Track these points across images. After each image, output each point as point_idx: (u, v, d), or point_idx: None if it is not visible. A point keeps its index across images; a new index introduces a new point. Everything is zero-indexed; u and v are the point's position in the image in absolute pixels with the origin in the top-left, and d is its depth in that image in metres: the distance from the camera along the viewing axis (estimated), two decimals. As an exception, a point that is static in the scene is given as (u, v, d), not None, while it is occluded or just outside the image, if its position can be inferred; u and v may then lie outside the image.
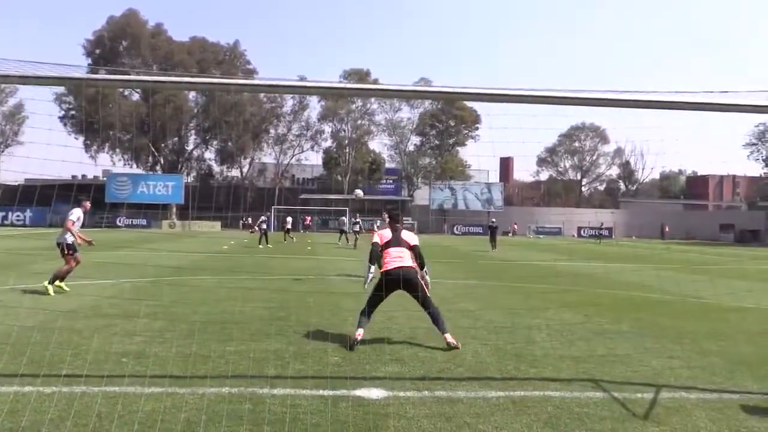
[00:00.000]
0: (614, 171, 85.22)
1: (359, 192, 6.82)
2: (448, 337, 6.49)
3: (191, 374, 5.22)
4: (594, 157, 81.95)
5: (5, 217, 51.23)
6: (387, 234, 7.01)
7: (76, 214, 10.10)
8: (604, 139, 79.62)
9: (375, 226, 28.16)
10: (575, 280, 14.81)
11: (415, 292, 6.60)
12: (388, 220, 7.53)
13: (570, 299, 10.97)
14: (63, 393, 4.58)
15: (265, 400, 4.56)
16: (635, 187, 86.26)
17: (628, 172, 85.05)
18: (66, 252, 9.95)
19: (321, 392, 4.80)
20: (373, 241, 7.06)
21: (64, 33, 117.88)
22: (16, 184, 61.40)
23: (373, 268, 6.85)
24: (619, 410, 4.57)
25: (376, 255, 6.86)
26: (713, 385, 5.35)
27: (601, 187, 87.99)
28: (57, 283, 9.87)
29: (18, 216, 51.48)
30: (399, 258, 6.72)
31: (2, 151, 63.38)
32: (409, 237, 7.09)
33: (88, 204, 10.37)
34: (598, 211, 64.33)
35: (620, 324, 8.37)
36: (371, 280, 6.83)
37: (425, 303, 6.64)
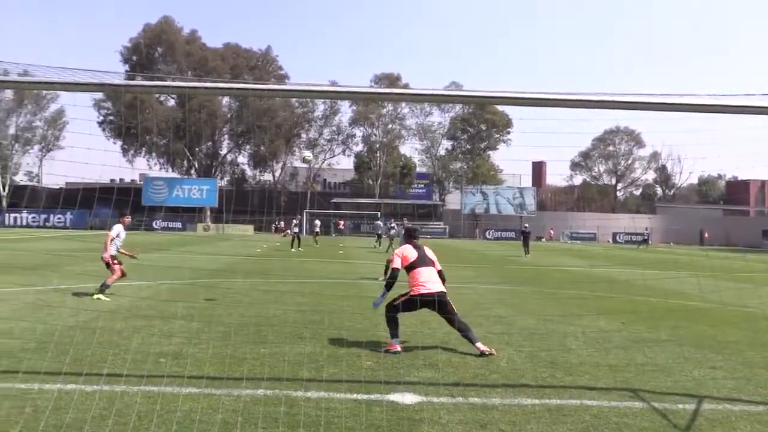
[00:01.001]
0: (650, 175, 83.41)
1: (308, 154, 6.20)
2: (480, 345, 6.44)
3: (227, 376, 5.28)
4: (629, 162, 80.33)
5: (47, 220, 52.82)
6: (411, 253, 6.78)
7: (116, 230, 10.27)
8: (640, 143, 77.95)
9: (391, 232, 28.08)
10: (611, 287, 14.52)
11: (446, 314, 6.54)
12: (404, 232, 7.36)
13: (606, 306, 10.76)
14: (104, 391, 4.69)
15: (300, 403, 4.59)
16: (672, 192, 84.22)
17: (664, 177, 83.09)
18: (111, 263, 10.11)
19: (355, 396, 4.80)
20: (394, 265, 6.72)
21: (102, 41, 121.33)
22: (58, 187, 63.39)
23: (387, 294, 6.62)
24: (660, 421, 4.46)
25: (395, 280, 6.59)
26: (759, 397, 5.18)
27: (637, 192, 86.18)
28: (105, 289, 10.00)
29: (59, 218, 53.05)
30: (433, 281, 6.61)
31: (44, 156, 65.43)
32: (433, 255, 6.97)
33: (127, 219, 10.58)
34: (635, 216, 63.04)
35: (659, 332, 8.18)
36: (382, 304, 6.65)
37: (453, 321, 6.57)
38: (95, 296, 9.62)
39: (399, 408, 4.56)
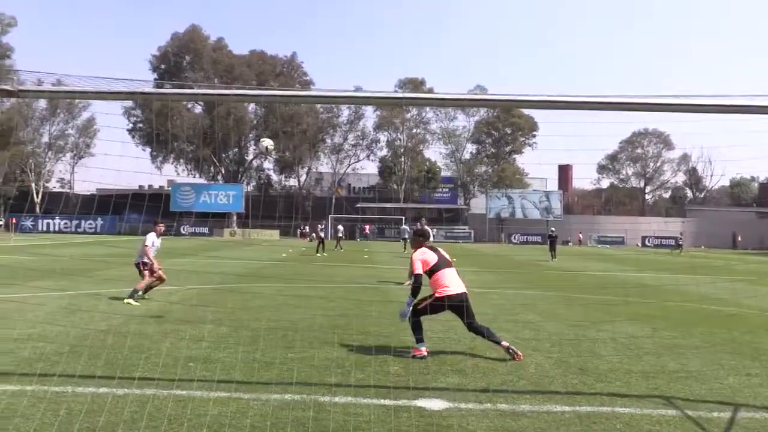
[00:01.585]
0: (680, 178, 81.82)
1: (269, 142, 5.84)
2: (505, 343, 6.44)
3: (256, 380, 5.32)
4: (658, 164, 78.92)
5: (78, 225, 54.04)
6: (431, 257, 6.67)
7: (150, 238, 10.45)
8: (669, 145, 76.60)
9: (407, 234, 27.98)
10: (641, 292, 14.27)
11: (468, 317, 6.48)
12: (412, 235, 7.25)
13: (636, 311, 10.57)
14: (135, 395, 4.76)
15: (328, 408, 4.59)
16: (703, 194, 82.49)
17: (695, 179, 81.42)
18: (142, 269, 10.31)
19: (383, 401, 4.79)
20: (417, 271, 6.53)
21: (132, 50, 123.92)
22: (89, 194, 64.80)
23: (414, 302, 6.47)
24: (694, 429, 4.36)
25: (420, 285, 6.45)
26: (798, 406, 5.02)
27: (666, 195, 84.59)
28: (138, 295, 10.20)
29: (90, 224, 54.25)
30: (456, 282, 6.57)
31: (76, 163, 66.98)
32: (447, 255, 6.92)
33: (160, 227, 10.79)
34: (667, 220, 61.90)
35: (692, 338, 8.00)
36: (410, 313, 6.47)
37: (473, 325, 6.51)
38: (126, 301, 9.80)
39: (427, 414, 4.54)
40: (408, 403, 4.77)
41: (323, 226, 32.55)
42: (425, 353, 6.34)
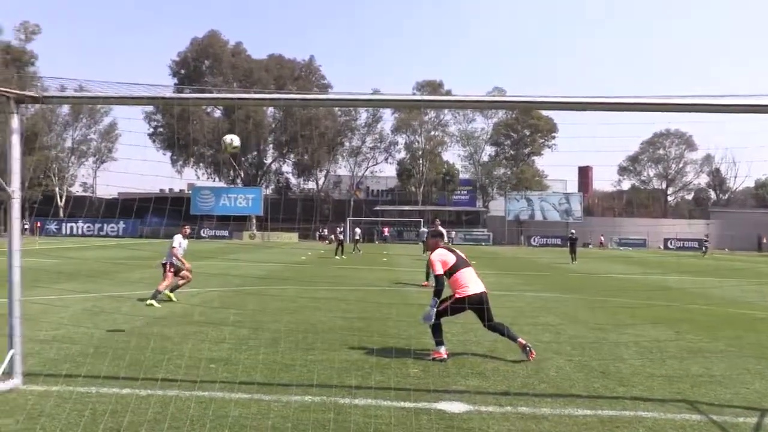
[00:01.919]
0: (703, 179, 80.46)
1: (229, 139, 5.49)
2: (522, 340, 6.49)
3: (276, 382, 5.35)
4: (680, 165, 77.74)
5: (101, 229, 54.91)
6: (449, 257, 6.63)
7: (177, 240, 10.78)
8: (692, 146, 75.44)
9: (424, 235, 27.90)
10: (664, 295, 14.07)
11: (489, 317, 6.49)
12: (427, 235, 7.19)
13: (659, 315, 10.42)
14: (158, 396, 4.82)
15: (348, 410, 4.60)
16: (727, 196, 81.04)
17: (718, 181, 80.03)
18: (167, 269, 10.56)
19: (403, 404, 4.79)
20: (437, 272, 6.48)
21: (152, 56, 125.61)
22: (111, 197, 65.78)
23: (438, 303, 6.40)
24: (720, 435, 4.29)
25: (442, 287, 6.43)
26: (827, 411, 4.91)
27: (689, 197, 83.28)
28: (167, 292, 10.48)
29: (112, 227, 55.09)
30: (475, 281, 6.57)
31: (98, 167, 68.03)
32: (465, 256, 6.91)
33: (186, 229, 11.18)
34: (690, 222, 60.94)
35: (716, 342, 7.87)
36: (432, 318, 6.39)
37: (491, 324, 6.52)
38: (148, 302, 9.95)
39: (447, 417, 4.53)
40: (428, 406, 4.76)
41: (342, 229, 32.65)
42: (445, 356, 6.33)
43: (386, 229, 53.95)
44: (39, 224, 50.03)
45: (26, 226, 47.09)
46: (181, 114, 58.08)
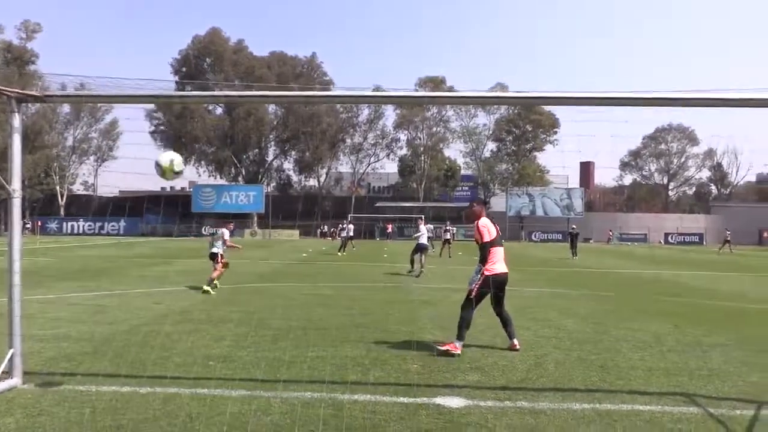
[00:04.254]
0: (704, 174, 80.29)
1: (167, 160, 5.46)
2: (516, 343, 6.60)
3: (275, 378, 5.37)
4: (682, 160, 77.57)
5: (101, 227, 54.99)
6: (492, 229, 6.55)
7: (227, 234, 12.19)
8: (694, 141, 75.28)
9: (447, 235, 27.96)
10: (663, 289, 14.07)
11: (503, 295, 6.61)
12: (479, 204, 6.91)
13: (659, 309, 10.43)
14: (157, 393, 4.84)
15: (347, 406, 4.62)
16: (728, 190, 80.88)
17: (720, 175, 79.86)
18: (219, 260, 11.65)
19: (401, 399, 4.81)
20: (484, 240, 6.45)
21: (153, 54, 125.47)
22: (112, 195, 65.88)
23: (482, 268, 6.40)
24: (716, 427, 4.30)
25: (488, 253, 6.40)
26: (825, 404, 4.92)
27: (690, 191, 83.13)
28: (205, 287, 11.34)
29: (113, 226, 55.17)
30: (503, 261, 6.59)
31: (99, 166, 68.12)
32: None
33: (230, 225, 12.72)
34: (693, 216, 60.82)
35: (717, 336, 7.86)
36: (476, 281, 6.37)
37: (502, 306, 6.65)
38: (204, 289, 11.14)
39: (446, 411, 4.54)
40: (427, 401, 4.77)
41: (344, 226, 32.68)
42: (458, 352, 6.29)
43: (389, 226, 53.90)
44: (39, 223, 50.13)
45: (27, 225, 47.22)
46: (182, 112, 58.14)
